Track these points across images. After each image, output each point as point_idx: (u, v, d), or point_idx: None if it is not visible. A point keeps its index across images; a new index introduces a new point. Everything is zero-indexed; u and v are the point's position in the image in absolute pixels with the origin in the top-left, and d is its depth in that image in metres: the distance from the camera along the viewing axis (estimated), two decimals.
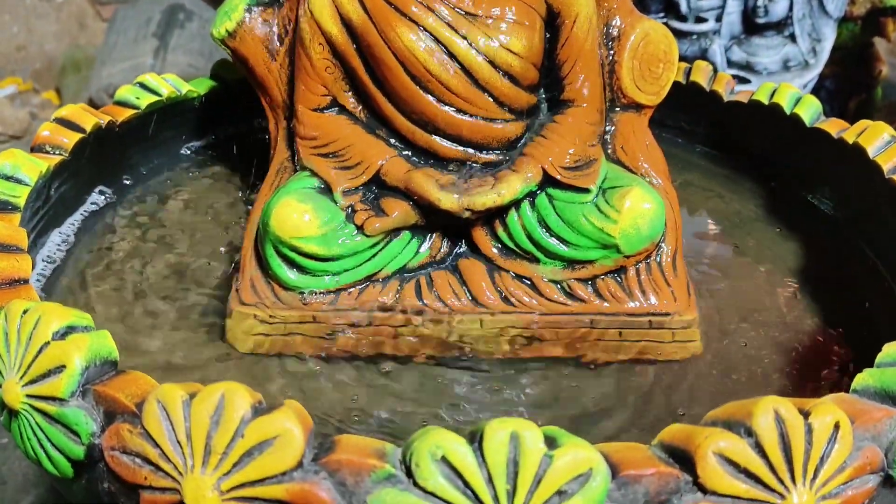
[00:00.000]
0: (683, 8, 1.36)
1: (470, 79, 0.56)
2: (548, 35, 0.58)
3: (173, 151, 0.74)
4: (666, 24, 1.39)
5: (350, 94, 0.59)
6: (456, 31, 0.55)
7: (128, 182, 0.69)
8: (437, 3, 0.55)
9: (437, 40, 0.55)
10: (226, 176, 0.74)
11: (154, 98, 0.69)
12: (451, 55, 0.55)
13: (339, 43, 0.57)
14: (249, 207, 0.67)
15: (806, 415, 0.32)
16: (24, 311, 0.37)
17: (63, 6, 2.87)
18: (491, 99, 0.56)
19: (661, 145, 0.63)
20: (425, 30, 0.55)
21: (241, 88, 0.68)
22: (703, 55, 1.37)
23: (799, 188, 0.71)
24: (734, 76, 1.40)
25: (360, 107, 0.59)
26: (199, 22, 2.32)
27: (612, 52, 0.61)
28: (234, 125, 0.77)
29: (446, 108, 0.56)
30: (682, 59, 1.43)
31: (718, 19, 1.39)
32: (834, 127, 0.66)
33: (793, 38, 1.38)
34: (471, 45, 0.55)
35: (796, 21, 1.37)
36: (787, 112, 0.69)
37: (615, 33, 0.61)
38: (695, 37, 1.36)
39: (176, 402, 0.32)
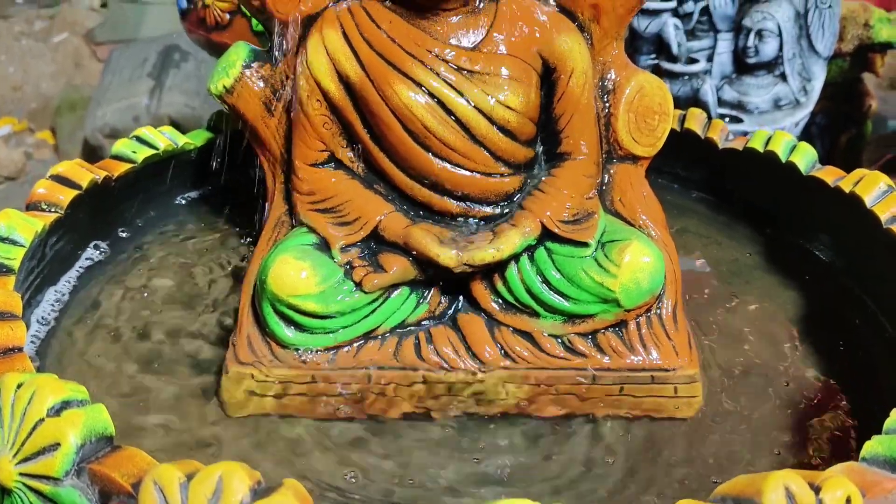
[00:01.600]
0: (675, 49, 1.38)
1: (467, 134, 0.56)
2: (544, 89, 0.59)
3: (169, 203, 0.74)
4: (657, 65, 1.41)
5: (348, 149, 0.59)
6: (453, 88, 0.55)
7: (123, 235, 0.69)
8: (434, 60, 0.56)
9: (434, 97, 0.55)
10: (222, 227, 0.74)
11: (151, 152, 0.69)
12: (449, 111, 0.55)
13: (337, 99, 0.57)
14: (247, 261, 0.66)
15: (817, 490, 0.31)
16: (19, 386, 0.36)
17: (59, 46, 2.89)
18: (488, 154, 0.57)
19: (657, 191, 0.63)
20: (422, 86, 0.55)
21: (238, 139, 0.68)
22: (695, 95, 1.38)
23: (797, 235, 0.71)
24: (726, 115, 1.42)
25: (358, 162, 0.59)
26: (195, 62, 2.34)
27: (607, 104, 0.61)
28: (230, 175, 0.77)
29: (444, 163, 0.56)
30: (674, 99, 1.45)
31: (709, 59, 1.41)
32: (830, 175, 0.67)
33: (783, 77, 1.40)
34: (468, 101, 0.55)
35: (786, 61, 1.38)
36: (783, 160, 0.70)
37: (610, 86, 0.61)
38: (686, 77, 1.38)
39: (173, 484, 0.31)
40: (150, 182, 0.71)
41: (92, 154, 2.35)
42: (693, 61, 1.39)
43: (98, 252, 0.65)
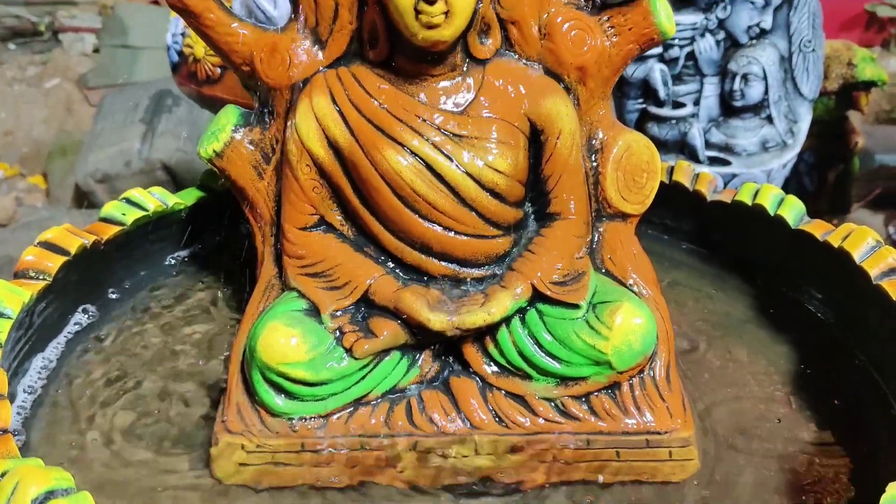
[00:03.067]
0: (661, 94, 1.40)
1: (457, 198, 0.56)
2: (532, 150, 0.59)
3: (159, 263, 0.74)
4: (645, 109, 1.43)
5: (337, 212, 0.59)
6: (442, 152, 0.56)
7: (112, 297, 0.68)
8: (422, 124, 0.56)
9: (423, 161, 0.56)
10: (212, 286, 0.73)
11: (140, 213, 0.68)
12: (438, 175, 0.56)
13: (326, 164, 0.57)
14: (237, 322, 0.66)
15: None
16: (3, 474, 0.36)
17: (51, 92, 2.91)
18: (478, 216, 0.57)
19: (647, 242, 0.63)
20: (411, 151, 0.56)
21: (228, 197, 0.68)
22: (683, 139, 1.40)
23: (787, 288, 0.71)
24: (714, 158, 1.43)
25: (348, 225, 0.59)
26: (187, 106, 2.35)
27: (595, 163, 0.62)
28: (220, 233, 0.77)
29: (434, 226, 0.56)
30: (662, 143, 1.47)
31: (696, 103, 1.43)
32: (818, 229, 0.67)
33: (770, 119, 1.42)
34: (457, 165, 0.56)
35: (772, 103, 1.40)
36: (771, 213, 0.70)
37: (598, 146, 0.62)
38: (674, 122, 1.39)
39: None
40: (140, 243, 0.70)
41: (83, 200, 2.35)
42: (680, 105, 1.41)
43: (86, 316, 0.65)
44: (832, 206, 1.98)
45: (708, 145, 1.42)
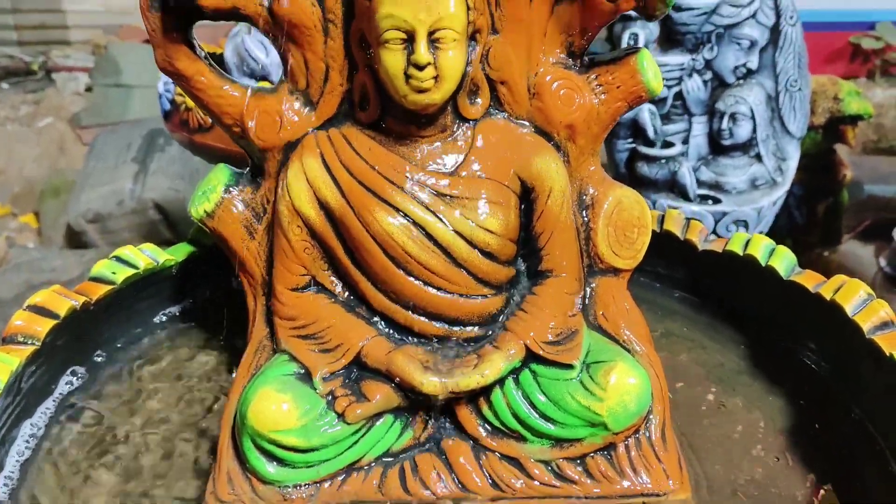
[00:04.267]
0: (650, 133, 1.41)
1: (448, 258, 0.56)
2: (523, 208, 0.59)
3: (149, 320, 0.73)
4: (634, 149, 1.44)
5: (329, 272, 0.59)
6: (433, 213, 0.56)
7: (101, 359, 0.68)
8: (413, 185, 0.56)
9: (414, 222, 0.56)
10: (202, 344, 0.73)
11: (131, 272, 0.68)
12: (429, 236, 0.56)
13: (317, 225, 0.57)
14: (228, 381, 0.65)
15: None
16: None
17: (44, 131, 2.91)
18: (470, 276, 0.57)
19: (639, 290, 0.63)
20: (402, 212, 0.56)
21: (219, 252, 0.68)
22: (673, 178, 1.41)
23: (780, 339, 0.71)
24: (704, 195, 1.44)
25: (339, 285, 0.59)
26: (179, 146, 2.36)
27: (587, 219, 0.62)
28: (210, 289, 0.77)
29: (426, 286, 0.56)
30: (652, 182, 1.48)
31: (685, 142, 1.44)
32: (810, 280, 0.67)
33: (759, 157, 1.43)
34: (448, 225, 0.56)
35: (761, 142, 1.41)
36: (763, 264, 0.70)
37: (589, 201, 0.62)
38: (664, 161, 1.40)
39: None
40: (130, 301, 0.70)
41: (75, 240, 2.34)
42: (669, 145, 1.42)
43: (76, 378, 0.64)
44: (823, 239, 1.99)
45: (698, 183, 1.43)
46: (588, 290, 0.62)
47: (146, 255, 0.70)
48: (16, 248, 2.33)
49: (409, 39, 0.52)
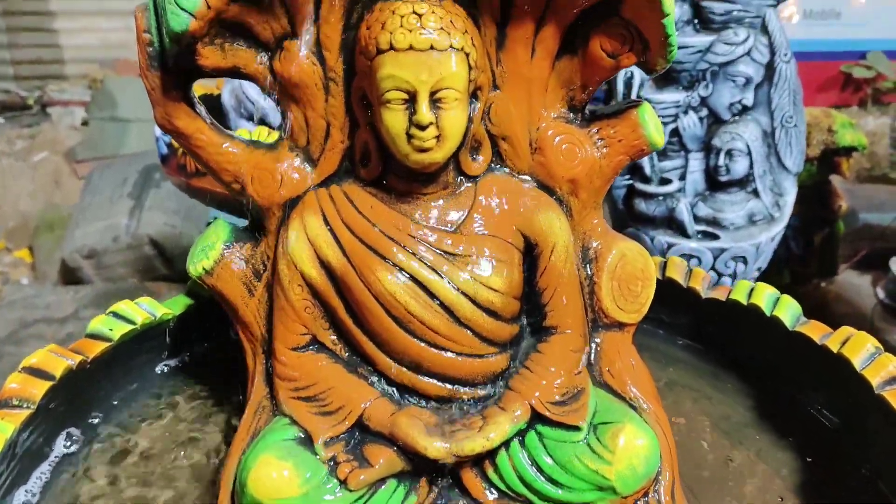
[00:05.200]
0: (647, 170, 1.41)
1: (452, 317, 0.55)
2: (526, 264, 0.59)
3: (146, 375, 0.72)
4: (632, 186, 1.44)
5: (330, 332, 0.58)
6: (436, 272, 0.55)
7: (97, 420, 0.66)
8: (416, 243, 0.55)
9: (417, 281, 0.55)
10: (201, 399, 0.71)
11: (128, 327, 0.67)
12: (432, 295, 0.55)
13: (319, 285, 0.57)
14: (228, 437, 0.64)
15: None
16: None
17: (39, 165, 2.91)
18: (474, 335, 0.56)
19: (643, 337, 0.62)
20: (405, 271, 0.55)
21: (217, 305, 0.67)
22: (671, 214, 1.41)
23: (786, 389, 0.70)
24: (702, 232, 1.44)
25: (341, 344, 0.58)
26: None
27: (590, 273, 0.61)
28: (208, 342, 0.76)
29: (429, 346, 0.55)
30: (650, 219, 1.47)
31: (682, 178, 1.44)
32: (816, 331, 0.66)
33: (756, 193, 1.43)
34: (451, 284, 0.55)
35: (758, 178, 1.42)
36: (767, 314, 0.70)
37: (592, 255, 0.61)
38: (661, 198, 1.40)
39: None
40: (127, 357, 0.69)
41: (70, 276, 2.32)
42: (666, 181, 1.42)
43: (71, 441, 0.63)
44: (820, 269, 1.99)
45: (695, 219, 1.42)
46: (593, 345, 0.61)
47: (143, 310, 0.69)
48: (9, 285, 2.31)
49: (411, 99, 0.51)
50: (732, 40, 1.35)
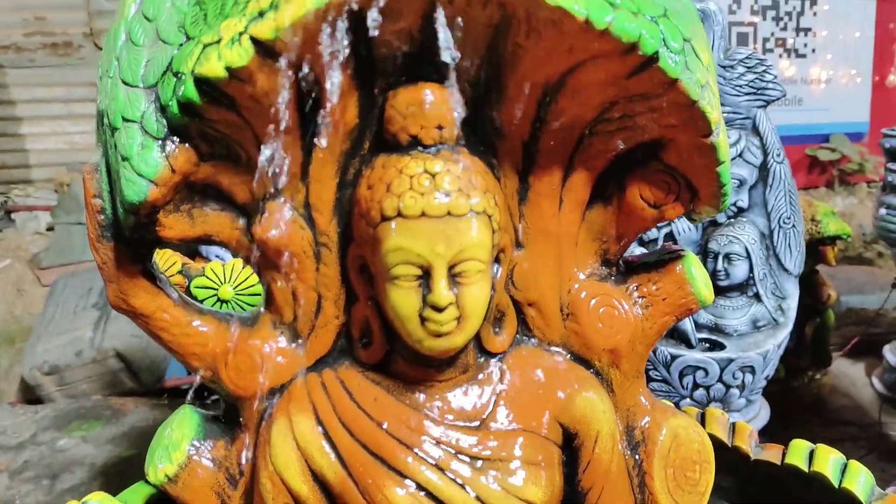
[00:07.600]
0: None
1: None
2: (566, 457, 0.48)
3: None
4: None
5: None
6: (456, 483, 0.44)
7: None
8: (431, 445, 0.45)
9: (434, 497, 0.44)
10: None
11: None
12: None
13: (310, 503, 0.45)
14: None
15: None
16: None
17: (1, 273, 2.76)
18: None
19: None
20: (419, 485, 0.44)
21: None
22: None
23: None
24: (707, 340, 1.36)
25: None
26: None
27: (638, 459, 0.51)
28: None
29: None
30: None
31: None
32: None
33: (758, 297, 1.37)
34: (477, 498, 0.44)
35: (758, 281, 1.35)
36: (835, 484, 0.59)
37: (640, 436, 0.51)
38: None
39: None
40: None
41: (30, 393, 2.16)
42: None
43: None
44: (814, 360, 1.92)
45: (697, 327, 1.35)
46: None
47: None
48: None
49: (425, 275, 0.41)
50: None
